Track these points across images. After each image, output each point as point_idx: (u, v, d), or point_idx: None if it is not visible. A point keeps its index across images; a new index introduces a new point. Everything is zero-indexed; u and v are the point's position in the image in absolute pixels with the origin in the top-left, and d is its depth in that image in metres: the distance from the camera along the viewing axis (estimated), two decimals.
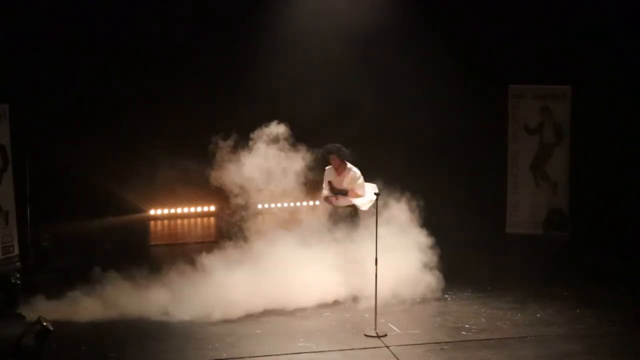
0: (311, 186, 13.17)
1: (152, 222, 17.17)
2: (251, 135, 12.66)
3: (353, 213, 12.68)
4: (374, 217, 11.55)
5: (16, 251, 13.43)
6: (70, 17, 15.57)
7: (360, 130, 15.52)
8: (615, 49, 15.83)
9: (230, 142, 12.70)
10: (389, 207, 12.54)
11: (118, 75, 15.97)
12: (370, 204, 12.22)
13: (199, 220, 17.48)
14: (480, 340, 10.93)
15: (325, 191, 12.87)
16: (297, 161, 12.72)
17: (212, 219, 17.46)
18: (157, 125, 16.36)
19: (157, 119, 16.32)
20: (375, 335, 11.00)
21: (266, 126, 12.67)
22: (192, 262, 12.55)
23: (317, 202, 13.50)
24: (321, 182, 12.95)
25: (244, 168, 12.58)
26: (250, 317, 11.69)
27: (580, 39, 15.91)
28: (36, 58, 15.39)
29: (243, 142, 12.74)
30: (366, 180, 12.79)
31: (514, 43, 16.20)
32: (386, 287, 12.02)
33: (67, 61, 15.65)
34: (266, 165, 12.67)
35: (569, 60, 15.84)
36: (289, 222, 13.27)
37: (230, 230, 12.94)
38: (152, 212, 17.37)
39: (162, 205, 17.40)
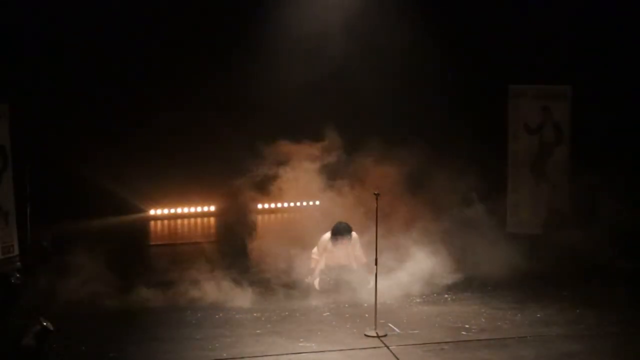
0: None
1: (152, 222, 17.21)
2: None
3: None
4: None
5: (16, 251, 13.43)
6: (70, 17, 15.57)
7: (360, 129, 15.52)
8: (615, 49, 15.83)
9: None
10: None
11: (118, 75, 15.98)
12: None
13: (199, 220, 17.50)
14: (480, 340, 10.93)
15: (315, 256, 12.96)
16: None
17: (212, 219, 17.50)
18: (157, 125, 16.38)
19: (157, 119, 16.35)
20: (375, 335, 11.00)
21: None
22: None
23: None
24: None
25: None
26: (250, 317, 11.70)
27: (580, 39, 15.91)
28: (36, 58, 15.40)
29: None
30: None
31: (514, 43, 16.20)
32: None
33: (67, 61, 15.67)
34: None
35: (569, 60, 15.84)
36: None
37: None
38: (152, 212, 17.39)
39: (162, 205, 17.42)
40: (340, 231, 12.83)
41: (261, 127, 15.18)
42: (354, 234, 12.90)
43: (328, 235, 12.92)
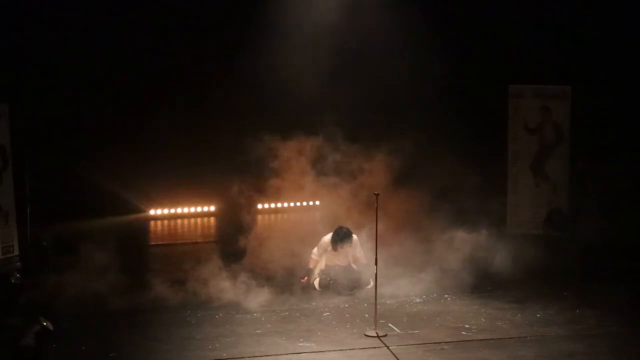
0: None
1: (152, 222, 17.21)
2: None
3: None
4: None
5: (16, 251, 13.42)
6: (71, 16, 15.57)
7: (358, 129, 15.52)
8: (615, 49, 15.83)
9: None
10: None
11: (117, 75, 15.98)
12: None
13: (199, 220, 17.49)
14: (480, 340, 10.93)
15: (315, 257, 12.99)
16: None
17: (212, 219, 17.50)
18: (157, 125, 16.38)
19: (157, 119, 16.35)
20: (375, 335, 11.00)
21: None
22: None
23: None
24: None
25: None
26: (250, 317, 11.71)
27: (580, 39, 15.91)
28: (36, 58, 15.39)
29: None
30: None
31: (514, 43, 16.20)
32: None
33: (66, 61, 15.66)
34: None
35: (569, 60, 15.85)
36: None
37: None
38: (152, 212, 17.39)
39: (162, 205, 17.42)
40: (341, 238, 12.83)
41: (261, 127, 15.15)
42: (354, 236, 12.90)
43: (329, 237, 12.92)
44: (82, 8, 15.59)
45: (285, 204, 17.08)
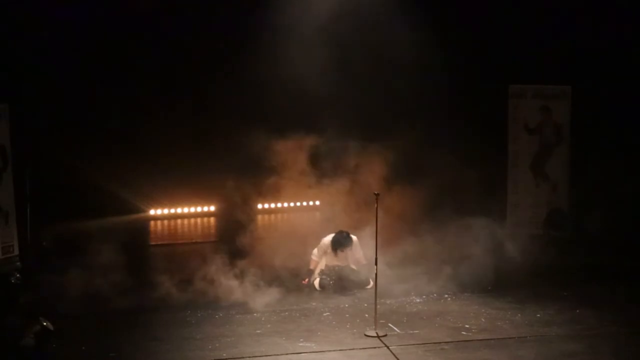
0: None
1: (152, 222, 17.21)
2: None
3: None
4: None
5: (16, 251, 13.42)
6: (71, 16, 15.57)
7: (359, 128, 15.52)
8: (616, 48, 15.83)
9: None
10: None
11: (117, 75, 15.98)
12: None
13: (199, 220, 17.49)
14: (480, 340, 10.94)
15: (315, 258, 13.04)
16: None
17: (212, 219, 17.50)
18: (157, 125, 16.38)
19: (157, 118, 16.36)
20: (375, 335, 11.00)
21: None
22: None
23: None
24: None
25: None
26: (250, 317, 11.71)
27: (580, 39, 15.92)
28: (36, 58, 15.38)
29: None
30: None
31: (514, 43, 16.20)
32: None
33: (66, 61, 15.66)
34: None
35: (569, 60, 15.85)
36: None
37: None
38: (152, 212, 17.39)
39: (162, 205, 17.42)
40: (341, 243, 12.86)
41: (262, 127, 15.18)
42: (354, 238, 12.91)
43: (329, 238, 12.93)
44: (82, 8, 15.58)
45: (285, 204, 17.08)
